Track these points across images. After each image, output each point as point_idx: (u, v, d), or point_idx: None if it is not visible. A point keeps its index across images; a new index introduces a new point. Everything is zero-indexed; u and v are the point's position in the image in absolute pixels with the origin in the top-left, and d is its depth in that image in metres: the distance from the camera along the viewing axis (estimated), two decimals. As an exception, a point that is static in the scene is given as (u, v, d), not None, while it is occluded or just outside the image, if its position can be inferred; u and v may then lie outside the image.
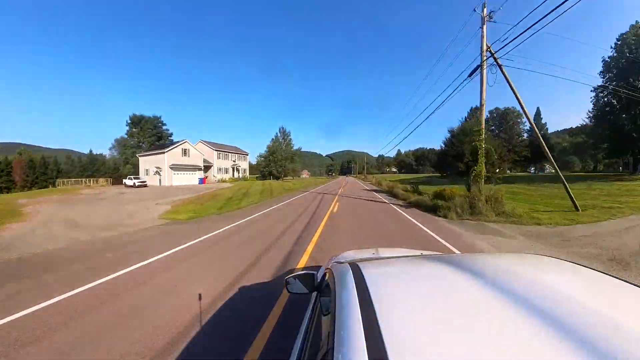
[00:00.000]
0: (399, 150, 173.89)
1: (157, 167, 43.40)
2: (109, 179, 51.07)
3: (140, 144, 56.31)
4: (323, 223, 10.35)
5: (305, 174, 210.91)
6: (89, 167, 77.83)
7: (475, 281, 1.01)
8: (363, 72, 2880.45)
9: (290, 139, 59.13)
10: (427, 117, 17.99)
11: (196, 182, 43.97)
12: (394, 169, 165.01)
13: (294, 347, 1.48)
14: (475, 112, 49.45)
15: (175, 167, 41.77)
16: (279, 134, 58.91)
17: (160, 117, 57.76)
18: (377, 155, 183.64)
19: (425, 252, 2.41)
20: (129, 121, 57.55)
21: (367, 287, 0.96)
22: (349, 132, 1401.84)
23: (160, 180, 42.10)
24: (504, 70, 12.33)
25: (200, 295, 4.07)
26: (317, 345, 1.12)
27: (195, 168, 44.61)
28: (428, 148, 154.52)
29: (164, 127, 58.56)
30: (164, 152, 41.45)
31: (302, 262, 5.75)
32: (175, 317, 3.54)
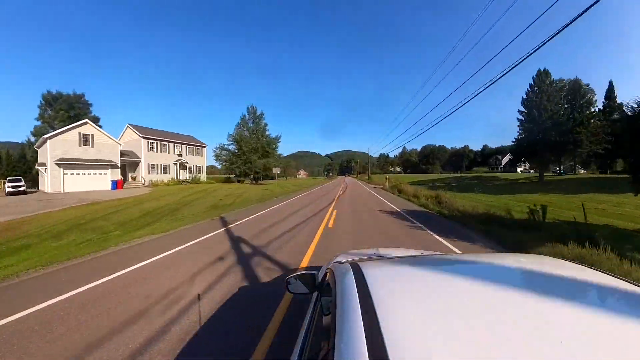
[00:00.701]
0: (404, 148, 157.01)
1: (40, 164, 27.37)
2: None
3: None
4: None
5: (302, 174, 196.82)
6: (19, 165, 61.78)
7: (477, 281, 1.03)
8: (363, 70, 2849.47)
9: (265, 124, 40.93)
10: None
11: (109, 186, 27.82)
12: (398, 169, 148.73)
13: (295, 347, 1.39)
14: (545, 75, 33.15)
15: (67, 163, 25.62)
16: (247, 116, 40.67)
17: (83, 96, 41.23)
18: (378, 155, 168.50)
19: (426, 252, 2.40)
20: (42, 101, 41.33)
21: (367, 287, 0.95)
22: (348, 132, 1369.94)
23: (47, 183, 25.90)
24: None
25: None
26: (318, 345, 1.11)
27: (105, 164, 28.37)
28: (437, 145, 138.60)
29: (91, 109, 42.17)
30: (46, 140, 25.37)
31: None
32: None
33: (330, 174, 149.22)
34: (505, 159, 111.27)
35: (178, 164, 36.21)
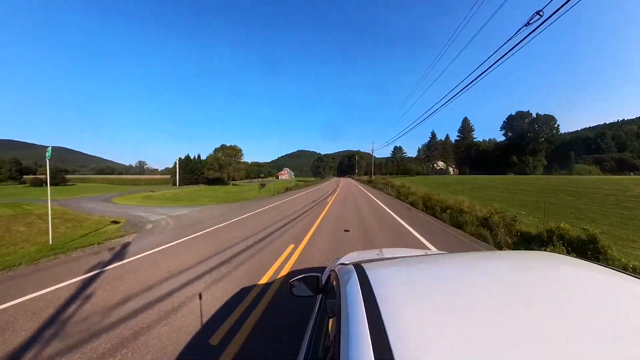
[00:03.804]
0: (462, 125, 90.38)
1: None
2: None
3: None
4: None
5: (285, 175, 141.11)
6: None
7: (481, 279, 1.01)
8: (364, 69, 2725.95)
9: None
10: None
11: None
12: (451, 168, 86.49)
13: (301, 349, 1.40)
14: None
15: None
16: None
17: None
18: (392, 149, 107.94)
19: (429, 252, 2.44)
20: None
21: (371, 288, 0.94)
22: (349, 132, 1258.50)
23: None
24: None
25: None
26: (324, 348, 1.10)
27: None
28: (535, 115, 73.94)
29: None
30: None
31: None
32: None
33: (303, 173, 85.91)
34: None
35: None
